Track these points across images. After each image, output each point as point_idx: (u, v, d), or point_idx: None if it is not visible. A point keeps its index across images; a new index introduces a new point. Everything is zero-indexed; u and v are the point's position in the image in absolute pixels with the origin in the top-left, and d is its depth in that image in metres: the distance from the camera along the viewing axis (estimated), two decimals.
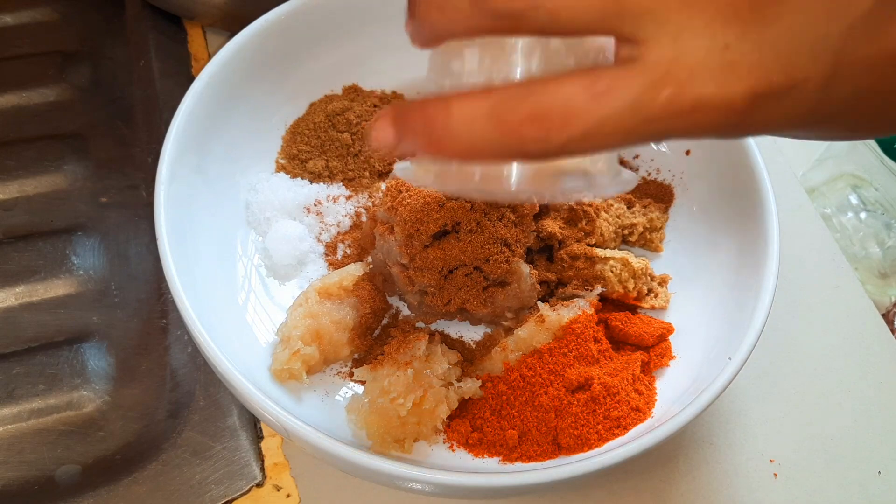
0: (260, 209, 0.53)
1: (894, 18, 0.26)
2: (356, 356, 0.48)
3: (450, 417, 0.45)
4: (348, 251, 0.53)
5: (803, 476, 0.49)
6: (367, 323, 0.49)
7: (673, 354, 0.48)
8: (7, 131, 0.61)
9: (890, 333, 0.56)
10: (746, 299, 0.46)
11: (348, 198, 0.55)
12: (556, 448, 0.44)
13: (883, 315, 0.57)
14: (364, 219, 0.54)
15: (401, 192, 0.47)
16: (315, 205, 0.54)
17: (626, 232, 0.54)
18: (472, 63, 0.30)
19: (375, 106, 0.58)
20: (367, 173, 0.56)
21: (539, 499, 0.47)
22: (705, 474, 0.49)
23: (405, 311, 0.51)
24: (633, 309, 0.51)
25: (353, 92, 0.59)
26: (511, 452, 0.44)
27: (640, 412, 0.45)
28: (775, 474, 0.49)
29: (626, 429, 0.44)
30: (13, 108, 0.63)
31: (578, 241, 0.52)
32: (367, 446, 0.43)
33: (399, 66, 0.60)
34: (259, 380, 0.44)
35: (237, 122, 0.53)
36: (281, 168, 0.56)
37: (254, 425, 0.48)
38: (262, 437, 0.48)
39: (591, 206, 0.53)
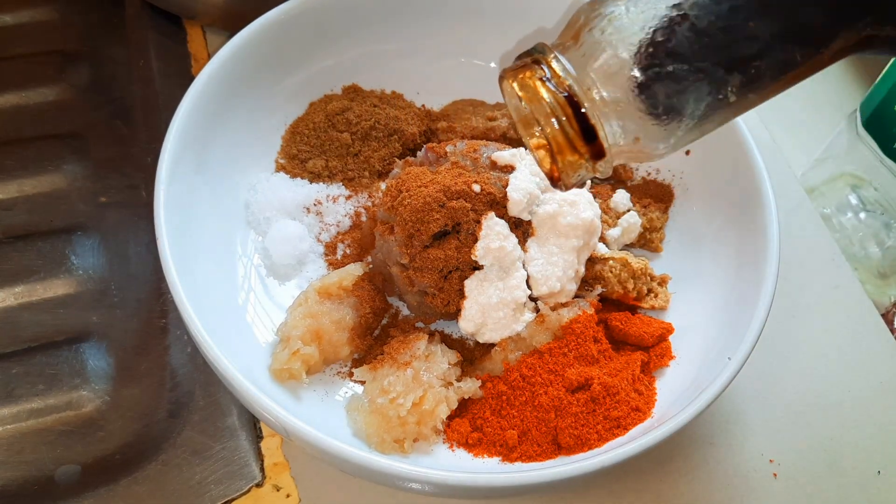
0: (260, 209, 0.53)
1: None
2: (356, 356, 0.48)
3: (450, 417, 0.45)
4: (348, 251, 0.53)
5: (803, 476, 0.49)
6: (367, 323, 0.49)
7: (673, 354, 0.48)
8: (7, 131, 0.61)
9: (890, 333, 0.56)
10: (746, 299, 0.46)
11: (348, 198, 0.55)
12: (556, 448, 0.44)
13: (883, 315, 0.57)
14: (364, 219, 0.54)
15: (401, 192, 0.47)
16: (315, 205, 0.54)
17: None
18: None
19: (375, 106, 0.58)
20: (366, 173, 0.56)
21: (539, 499, 0.47)
22: (705, 474, 0.49)
23: (405, 311, 0.51)
24: (633, 309, 0.51)
25: (352, 92, 0.59)
26: (511, 452, 0.44)
27: (639, 412, 0.44)
28: (775, 474, 0.49)
29: (625, 429, 0.44)
30: (13, 108, 0.63)
31: None
32: (367, 446, 0.43)
33: (399, 66, 0.61)
34: (259, 380, 0.44)
35: (237, 122, 0.53)
36: (281, 168, 0.56)
37: (253, 425, 0.48)
38: (261, 437, 0.48)
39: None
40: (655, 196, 0.57)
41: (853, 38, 0.30)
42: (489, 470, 0.43)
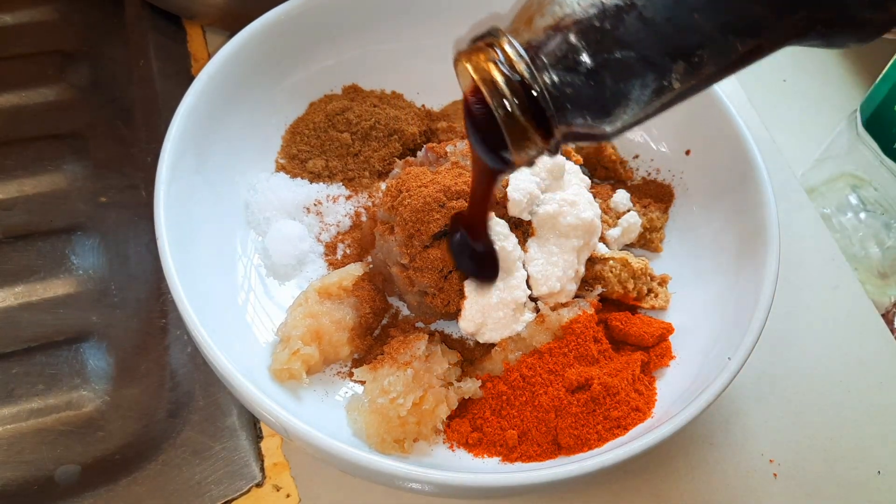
0: (260, 209, 0.53)
1: None
2: (356, 356, 0.48)
3: (450, 417, 0.45)
4: (348, 251, 0.53)
5: (803, 476, 0.49)
6: (367, 323, 0.49)
7: (673, 354, 0.48)
8: (7, 131, 0.61)
9: (890, 333, 0.56)
10: (746, 299, 0.46)
11: (348, 198, 0.55)
12: (556, 448, 0.44)
13: (883, 315, 0.57)
14: (364, 219, 0.54)
15: (401, 192, 0.47)
16: (315, 205, 0.54)
17: None
18: None
19: (375, 106, 0.58)
20: (366, 173, 0.56)
21: (539, 499, 0.47)
22: (705, 474, 0.49)
23: (405, 311, 0.51)
24: (633, 309, 0.51)
25: (352, 92, 0.59)
26: (511, 452, 0.44)
27: (640, 412, 0.44)
28: (775, 474, 0.49)
29: (626, 429, 0.44)
30: (13, 108, 0.63)
31: None
32: (367, 446, 0.43)
33: (399, 66, 0.61)
34: (259, 380, 0.44)
35: (237, 122, 0.53)
36: (281, 168, 0.56)
37: (253, 425, 0.48)
38: (261, 437, 0.48)
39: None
40: (655, 196, 0.57)
41: (790, 28, 0.31)
42: (489, 470, 0.43)
